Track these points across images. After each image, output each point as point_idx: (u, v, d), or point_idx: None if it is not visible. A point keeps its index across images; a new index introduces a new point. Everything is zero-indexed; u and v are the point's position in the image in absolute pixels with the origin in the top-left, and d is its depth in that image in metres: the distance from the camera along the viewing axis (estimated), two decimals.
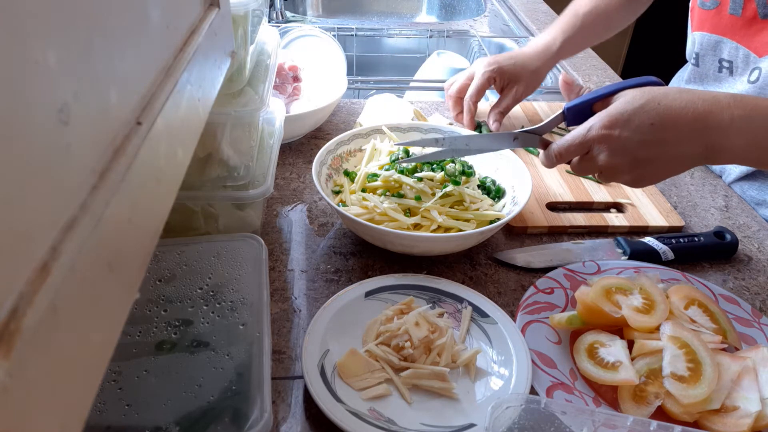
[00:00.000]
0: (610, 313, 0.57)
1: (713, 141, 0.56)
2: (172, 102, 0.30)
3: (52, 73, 0.19)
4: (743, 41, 0.80)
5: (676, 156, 0.58)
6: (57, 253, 0.19)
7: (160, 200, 0.30)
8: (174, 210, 0.32)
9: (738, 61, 0.82)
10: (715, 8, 0.83)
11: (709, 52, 0.87)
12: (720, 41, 0.84)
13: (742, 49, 0.81)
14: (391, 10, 1.71)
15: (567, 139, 0.61)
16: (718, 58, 0.86)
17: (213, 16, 0.41)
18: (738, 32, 0.81)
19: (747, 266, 0.74)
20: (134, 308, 0.47)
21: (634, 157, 0.58)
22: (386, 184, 0.71)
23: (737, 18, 0.80)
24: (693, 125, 0.56)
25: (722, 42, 0.84)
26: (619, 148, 0.58)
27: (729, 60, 0.84)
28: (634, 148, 0.57)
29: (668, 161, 0.59)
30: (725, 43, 0.83)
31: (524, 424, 0.48)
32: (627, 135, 0.57)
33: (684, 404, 0.50)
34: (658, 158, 0.58)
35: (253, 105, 0.63)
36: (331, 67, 1.06)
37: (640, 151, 0.58)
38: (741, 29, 0.80)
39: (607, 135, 0.58)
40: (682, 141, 0.57)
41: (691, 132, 0.56)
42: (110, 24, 0.24)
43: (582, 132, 0.60)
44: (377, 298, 0.62)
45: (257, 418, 0.44)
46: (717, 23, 0.83)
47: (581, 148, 0.60)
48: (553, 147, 0.63)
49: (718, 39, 0.84)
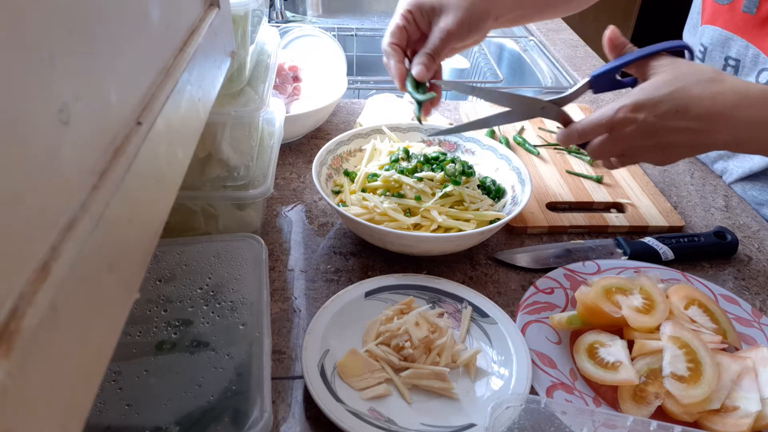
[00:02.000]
0: (610, 313, 0.56)
1: (739, 133, 0.58)
2: (172, 102, 0.30)
3: (52, 73, 0.19)
4: (754, 41, 0.79)
5: (701, 143, 0.60)
6: (57, 253, 0.19)
7: (160, 200, 0.30)
8: (174, 210, 0.32)
9: (746, 61, 0.81)
10: (729, 4, 0.82)
11: (717, 47, 0.85)
12: (730, 38, 0.83)
13: (752, 48, 0.80)
14: (391, 10, 1.71)
15: (592, 119, 0.62)
16: (725, 55, 0.84)
17: (213, 16, 0.41)
18: (750, 31, 0.80)
19: (747, 266, 0.74)
20: (134, 308, 0.47)
21: (658, 142, 0.60)
22: (386, 184, 0.71)
23: (751, 17, 0.79)
24: (720, 117, 0.57)
25: (732, 39, 0.82)
26: (645, 132, 0.59)
27: (736, 59, 0.83)
28: (659, 133, 0.59)
29: (693, 147, 0.61)
30: (735, 41, 0.82)
31: (524, 424, 0.48)
32: (653, 120, 0.58)
33: (684, 404, 0.50)
34: (683, 144, 0.60)
35: (253, 105, 0.63)
36: (331, 67, 1.06)
37: (666, 136, 0.59)
38: (753, 28, 0.79)
39: (633, 118, 0.59)
40: (708, 131, 0.58)
41: (717, 123, 0.58)
42: (110, 24, 0.24)
43: (609, 114, 0.61)
44: (377, 298, 0.62)
45: (257, 418, 0.44)
46: (729, 19, 0.82)
47: (605, 129, 0.62)
48: (576, 126, 0.64)
49: (728, 36, 0.83)
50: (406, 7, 0.71)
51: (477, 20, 0.70)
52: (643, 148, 0.61)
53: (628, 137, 0.60)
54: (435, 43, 0.69)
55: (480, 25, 0.70)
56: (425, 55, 0.69)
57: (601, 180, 0.85)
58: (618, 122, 0.60)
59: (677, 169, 0.93)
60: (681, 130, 0.58)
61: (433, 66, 0.69)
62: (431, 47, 0.69)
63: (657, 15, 2.92)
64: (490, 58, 1.31)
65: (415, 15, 0.71)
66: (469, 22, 0.69)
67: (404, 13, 0.71)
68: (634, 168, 0.89)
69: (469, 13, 0.69)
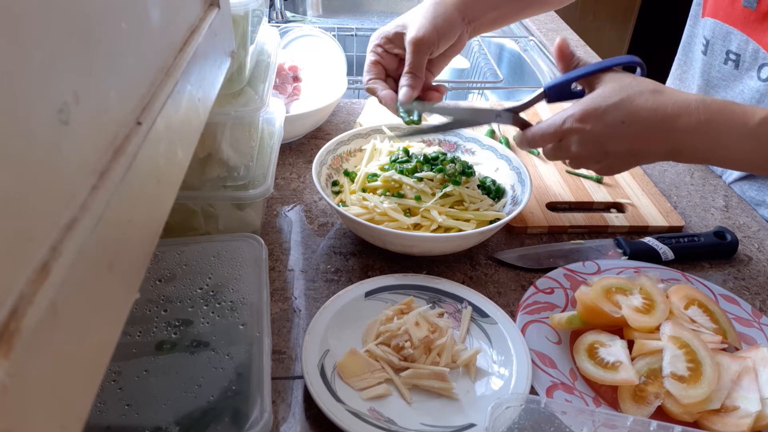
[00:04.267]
0: (610, 313, 0.56)
1: (678, 142, 0.60)
2: (172, 102, 0.30)
3: (52, 73, 0.19)
4: (754, 35, 0.79)
5: (643, 152, 0.62)
6: (57, 253, 0.19)
7: (160, 200, 0.30)
8: (174, 210, 0.32)
9: (746, 56, 0.81)
10: None
11: (719, 41, 0.85)
12: (730, 32, 0.83)
13: (752, 43, 0.79)
14: (391, 10, 1.71)
15: (542, 127, 0.65)
16: (726, 49, 0.84)
17: (213, 16, 0.41)
18: (750, 25, 0.80)
19: (747, 266, 0.74)
20: (134, 308, 0.47)
21: (603, 150, 0.62)
22: (386, 184, 0.71)
23: (751, 11, 0.79)
24: (661, 126, 0.59)
25: (732, 33, 0.82)
26: (590, 140, 0.62)
27: (737, 53, 0.82)
28: (604, 142, 0.61)
29: (635, 155, 0.63)
30: (735, 35, 0.82)
31: (524, 424, 0.48)
32: (599, 130, 0.60)
33: (684, 404, 0.50)
34: (625, 152, 0.62)
35: (253, 105, 0.63)
36: (331, 67, 1.06)
37: (610, 145, 0.62)
38: (753, 23, 0.79)
39: (580, 128, 0.61)
40: (649, 139, 0.61)
41: (658, 133, 0.60)
42: (110, 24, 0.24)
43: (557, 122, 0.63)
44: (377, 298, 0.62)
45: (257, 418, 0.44)
46: (730, 13, 0.82)
47: (555, 137, 0.64)
48: (528, 132, 0.66)
49: (729, 29, 0.83)
50: (374, 42, 0.73)
51: (443, 23, 0.69)
52: (587, 157, 0.64)
53: (574, 145, 0.63)
54: (410, 59, 0.69)
55: (449, 28, 0.70)
56: (406, 75, 0.70)
57: (601, 180, 0.85)
58: (565, 131, 0.62)
59: (677, 169, 0.93)
60: (625, 139, 0.60)
61: (418, 83, 0.69)
62: (409, 65, 0.70)
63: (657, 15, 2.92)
64: (490, 58, 1.31)
65: (384, 46, 0.72)
66: (434, 27, 0.69)
67: (373, 48, 0.73)
68: (634, 168, 0.89)
69: (432, 20, 0.69)
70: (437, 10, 0.70)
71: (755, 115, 0.58)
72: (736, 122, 0.59)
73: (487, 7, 0.74)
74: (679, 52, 0.98)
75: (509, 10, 0.77)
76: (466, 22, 0.72)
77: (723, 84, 0.86)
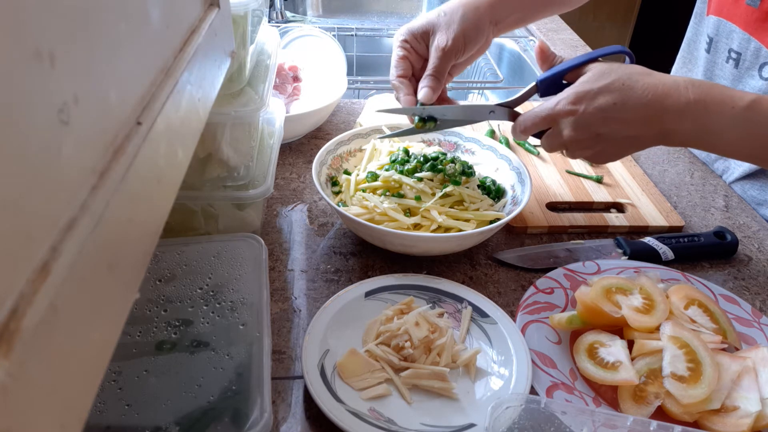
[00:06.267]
0: (610, 313, 0.56)
1: (667, 123, 0.60)
2: (172, 102, 0.30)
3: (52, 73, 0.19)
4: (756, 34, 0.79)
5: (635, 135, 0.61)
6: (57, 253, 0.19)
7: (160, 200, 0.30)
8: (174, 210, 0.32)
9: (747, 54, 0.81)
10: None
11: (722, 38, 0.85)
12: (733, 30, 0.83)
13: (753, 41, 0.80)
14: (391, 10, 1.71)
15: (534, 112, 0.64)
16: (728, 47, 0.84)
17: (213, 16, 0.41)
18: (752, 24, 0.80)
19: (747, 266, 0.74)
20: (134, 308, 0.47)
21: (596, 133, 0.62)
22: (386, 184, 0.71)
23: (754, 9, 0.79)
24: (651, 106, 0.59)
25: (735, 31, 0.82)
26: (583, 123, 0.61)
27: (738, 51, 0.83)
28: (596, 124, 0.61)
29: (627, 139, 0.62)
30: (737, 33, 0.82)
31: (524, 424, 0.48)
32: (591, 111, 0.60)
33: (684, 404, 0.50)
34: (617, 135, 0.62)
35: (253, 105, 0.63)
36: (331, 67, 1.06)
37: (602, 127, 0.61)
38: (755, 21, 0.79)
39: (572, 110, 0.61)
40: (640, 121, 0.60)
41: (648, 113, 0.59)
42: (110, 24, 0.24)
43: (549, 106, 0.63)
44: (377, 298, 0.62)
45: (257, 418, 0.44)
46: (733, 11, 0.82)
47: (547, 122, 0.64)
48: (519, 119, 0.66)
49: (731, 27, 0.83)
50: (401, 38, 0.73)
51: (472, 31, 0.70)
52: (581, 141, 0.63)
53: (567, 129, 0.62)
54: (435, 64, 0.70)
55: (477, 35, 0.71)
56: (428, 77, 0.70)
57: (601, 180, 0.85)
58: (558, 113, 0.62)
59: (677, 169, 0.93)
60: (617, 120, 0.60)
61: (438, 86, 0.70)
62: (432, 68, 0.70)
63: (657, 15, 2.92)
64: (490, 58, 1.31)
65: (412, 42, 0.72)
66: (463, 34, 0.69)
67: (401, 44, 0.72)
68: (634, 168, 0.89)
69: (462, 26, 0.69)
70: (467, 15, 0.70)
71: (744, 98, 0.58)
72: (725, 104, 0.59)
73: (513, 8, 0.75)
74: (683, 49, 0.98)
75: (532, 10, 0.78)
76: (493, 23, 0.72)
77: (725, 82, 0.86)
